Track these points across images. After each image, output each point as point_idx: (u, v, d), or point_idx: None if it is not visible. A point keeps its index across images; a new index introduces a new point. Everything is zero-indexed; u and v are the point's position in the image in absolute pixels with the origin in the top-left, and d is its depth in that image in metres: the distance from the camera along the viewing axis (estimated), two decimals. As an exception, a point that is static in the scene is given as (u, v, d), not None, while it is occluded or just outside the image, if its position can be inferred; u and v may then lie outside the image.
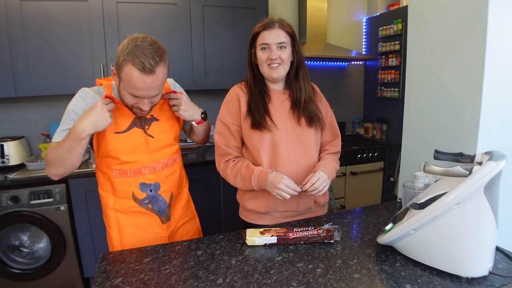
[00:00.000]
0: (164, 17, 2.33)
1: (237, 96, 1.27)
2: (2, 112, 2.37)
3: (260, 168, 1.22)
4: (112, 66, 1.09)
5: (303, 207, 1.30)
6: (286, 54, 1.20)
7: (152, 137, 1.21)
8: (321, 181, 1.18)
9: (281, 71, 1.22)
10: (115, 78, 1.09)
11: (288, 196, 1.16)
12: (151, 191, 1.22)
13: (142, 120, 1.20)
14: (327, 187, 1.22)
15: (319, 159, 1.32)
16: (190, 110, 1.26)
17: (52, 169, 1.13)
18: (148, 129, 1.21)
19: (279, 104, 1.27)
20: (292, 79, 1.27)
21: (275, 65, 1.20)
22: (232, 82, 1.36)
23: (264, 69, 1.22)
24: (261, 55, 1.20)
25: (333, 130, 1.37)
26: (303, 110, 1.25)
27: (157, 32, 2.31)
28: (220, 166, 1.31)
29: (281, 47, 1.19)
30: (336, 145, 1.37)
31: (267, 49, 1.19)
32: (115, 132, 1.16)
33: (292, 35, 1.22)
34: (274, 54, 1.18)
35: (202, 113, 1.31)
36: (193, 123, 1.32)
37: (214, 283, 0.87)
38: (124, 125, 1.17)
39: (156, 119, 1.23)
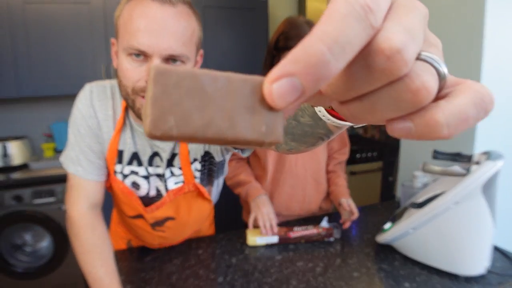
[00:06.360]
0: (165, 17, 2.34)
1: None
2: (4, 112, 2.39)
3: (257, 185, 1.21)
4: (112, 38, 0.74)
5: (306, 212, 1.30)
6: None
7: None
8: (352, 206, 1.18)
9: None
10: (117, 56, 0.70)
11: (263, 230, 1.08)
12: None
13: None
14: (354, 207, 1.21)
15: (328, 179, 1.31)
16: None
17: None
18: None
19: None
20: None
21: None
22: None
23: None
24: None
25: (342, 138, 1.35)
26: None
27: (158, 33, 2.32)
28: None
29: None
30: (345, 154, 1.36)
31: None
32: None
33: None
34: None
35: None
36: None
37: (215, 282, 0.88)
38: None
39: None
